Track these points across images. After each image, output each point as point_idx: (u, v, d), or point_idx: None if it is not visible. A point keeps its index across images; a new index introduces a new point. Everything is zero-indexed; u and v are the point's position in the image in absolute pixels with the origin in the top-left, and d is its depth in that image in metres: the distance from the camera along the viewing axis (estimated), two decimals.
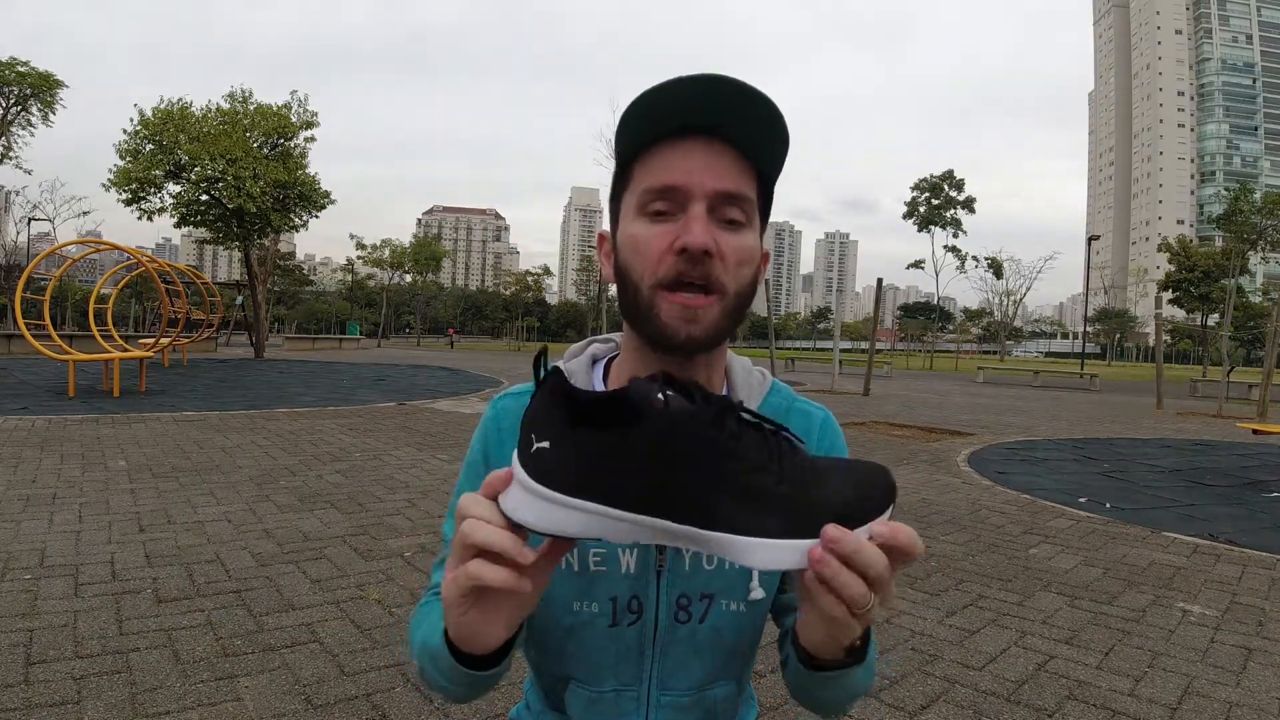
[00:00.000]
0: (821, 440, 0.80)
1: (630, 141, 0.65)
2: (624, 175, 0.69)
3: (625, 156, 0.67)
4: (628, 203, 0.68)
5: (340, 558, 3.35)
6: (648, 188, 0.65)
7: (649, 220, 0.65)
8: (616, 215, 0.71)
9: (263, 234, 20.13)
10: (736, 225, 0.65)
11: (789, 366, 26.39)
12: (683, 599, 0.74)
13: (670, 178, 0.63)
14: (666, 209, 0.64)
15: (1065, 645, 2.70)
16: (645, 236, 0.65)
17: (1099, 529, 4.46)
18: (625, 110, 0.63)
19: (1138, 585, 3.42)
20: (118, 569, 3.06)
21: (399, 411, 8.97)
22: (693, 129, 0.63)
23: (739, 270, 0.65)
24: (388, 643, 2.48)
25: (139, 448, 5.78)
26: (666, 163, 0.64)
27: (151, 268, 12.92)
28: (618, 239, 0.69)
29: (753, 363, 0.83)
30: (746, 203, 0.65)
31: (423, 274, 62.66)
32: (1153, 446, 8.48)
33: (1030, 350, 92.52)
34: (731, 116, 0.62)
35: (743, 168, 0.65)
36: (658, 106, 0.62)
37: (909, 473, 6.16)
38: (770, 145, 0.65)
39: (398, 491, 4.70)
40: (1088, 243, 39.99)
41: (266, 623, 2.59)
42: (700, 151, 0.63)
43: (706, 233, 0.62)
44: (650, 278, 0.64)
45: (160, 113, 17.73)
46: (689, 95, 0.61)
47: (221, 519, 3.89)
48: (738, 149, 0.64)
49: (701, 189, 0.63)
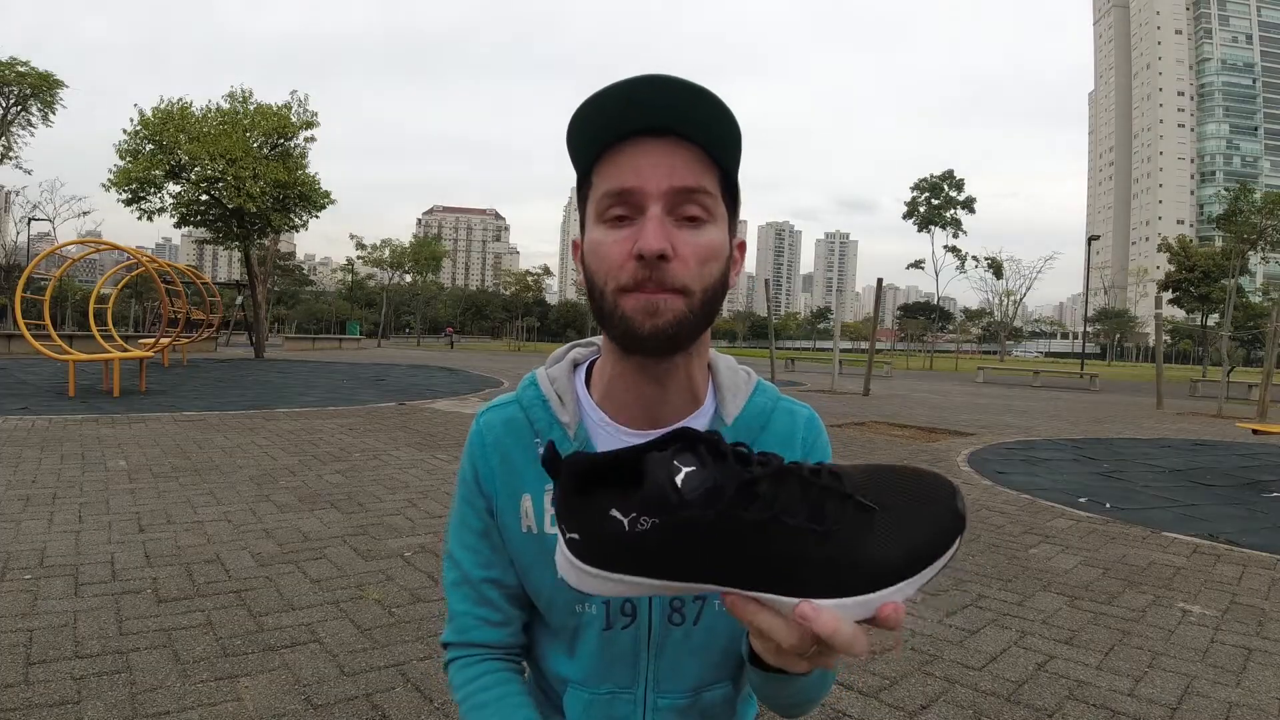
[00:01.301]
0: (805, 439, 0.80)
1: (585, 147, 0.65)
2: (585, 181, 0.69)
3: (583, 163, 0.67)
4: (590, 209, 0.68)
5: (340, 558, 3.35)
6: (605, 192, 0.65)
7: (608, 226, 0.65)
8: (581, 221, 0.71)
9: (263, 234, 20.11)
10: (697, 222, 0.64)
11: (789, 367, 26.39)
12: (675, 601, 0.75)
13: (625, 180, 0.63)
14: (625, 213, 0.64)
15: (1065, 645, 2.70)
16: (606, 243, 0.65)
17: (1099, 529, 4.46)
18: (573, 116, 0.63)
19: (1138, 585, 3.42)
20: (118, 569, 3.06)
21: (399, 411, 8.97)
22: (644, 130, 0.63)
23: (703, 268, 0.65)
24: (388, 643, 2.48)
25: (139, 448, 5.78)
26: (622, 164, 0.64)
27: (151, 268, 12.91)
28: (583, 245, 0.70)
29: (737, 361, 0.83)
30: (707, 196, 0.65)
31: (423, 274, 62.64)
32: (1153, 446, 8.47)
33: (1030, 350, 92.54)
34: (681, 113, 0.62)
35: (701, 162, 0.64)
36: (606, 111, 0.62)
37: None
38: (722, 138, 0.64)
39: (398, 491, 4.70)
40: (1088, 243, 39.99)
41: (266, 623, 2.59)
42: (654, 150, 0.63)
43: (661, 236, 0.62)
44: (613, 283, 0.64)
45: (160, 113, 17.71)
46: (636, 97, 0.61)
47: (221, 519, 3.89)
48: (692, 144, 0.64)
49: (657, 188, 0.63)
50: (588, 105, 0.62)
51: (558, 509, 0.50)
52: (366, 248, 59.15)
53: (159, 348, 14.13)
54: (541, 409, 0.77)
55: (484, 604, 0.80)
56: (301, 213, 19.74)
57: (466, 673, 0.79)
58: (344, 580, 3.06)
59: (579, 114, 0.62)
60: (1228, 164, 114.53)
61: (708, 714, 0.77)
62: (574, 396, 0.77)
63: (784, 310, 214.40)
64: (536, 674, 0.85)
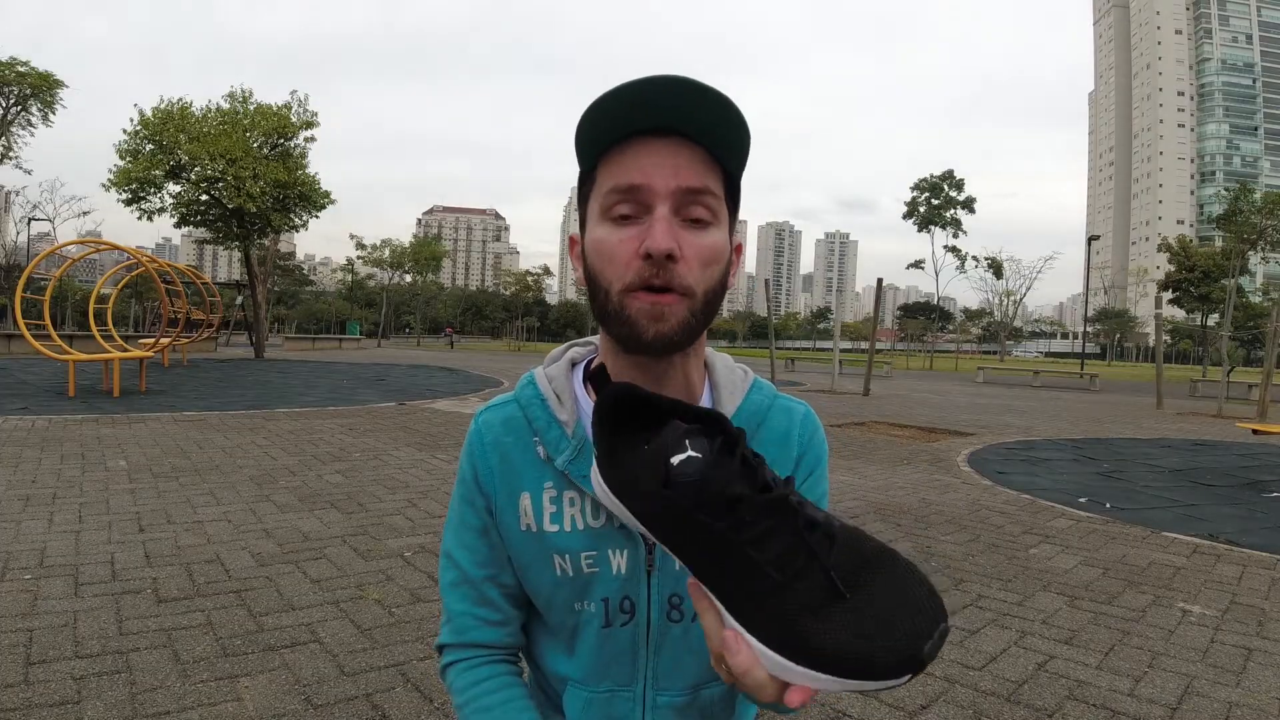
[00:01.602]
0: (801, 435, 0.80)
1: (592, 144, 0.66)
2: (588, 178, 0.69)
3: (588, 160, 0.68)
4: (593, 206, 0.68)
5: (340, 558, 3.35)
6: (611, 188, 0.65)
7: (614, 224, 0.65)
8: (583, 218, 0.72)
9: (263, 234, 20.11)
10: (702, 224, 0.65)
11: (789, 367, 26.39)
12: (674, 598, 0.75)
13: (632, 177, 0.64)
14: (631, 211, 0.65)
15: (1065, 645, 2.70)
16: (611, 241, 0.65)
17: (1099, 529, 4.46)
18: (584, 114, 0.63)
19: (1138, 585, 3.42)
20: (118, 569, 3.06)
21: (399, 411, 8.97)
22: (654, 129, 0.64)
23: (705, 271, 0.66)
24: (388, 643, 2.48)
25: (139, 447, 5.77)
26: (629, 162, 0.64)
27: (151, 268, 12.91)
28: (585, 242, 0.70)
29: (734, 360, 0.83)
30: (712, 198, 0.65)
31: (423, 274, 62.64)
32: (1153, 446, 8.47)
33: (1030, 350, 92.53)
34: (691, 114, 0.62)
35: (706, 164, 0.65)
36: (617, 109, 0.62)
37: (909, 472, 6.16)
38: (728, 140, 0.65)
39: (398, 491, 4.70)
40: (1088, 243, 39.97)
41: (266, 623, 2.59)
42: (662, 149, 0.64)
43: (669, 236, 0.63)
44: (619, 283, 0.65)
45: (160, 113, 17.71)
46: (648, 96, 0.61)
47: (221, 519, 3.89)
48: (699, 145, 0.64)
49: (665, 187, 0.63)
50: (598, 103, 0.63)
51: (594, 428, 0.56)
52: (366, 248, 59.19)
53: (159, 348, 14.13)
54: (540, 408, 0.77)
55: (484, 603, 0.80)
56: (301, 213, 19.74)
57: (467, 676, 0.78)
58: (344, 580, 3.06)
59: (589, 110, 0.63)
60: (1228, 164, 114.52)
61: (707, 712, 0.77)
62: (572, 395, 0.77)
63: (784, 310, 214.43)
64: (536, 673, 0.85)
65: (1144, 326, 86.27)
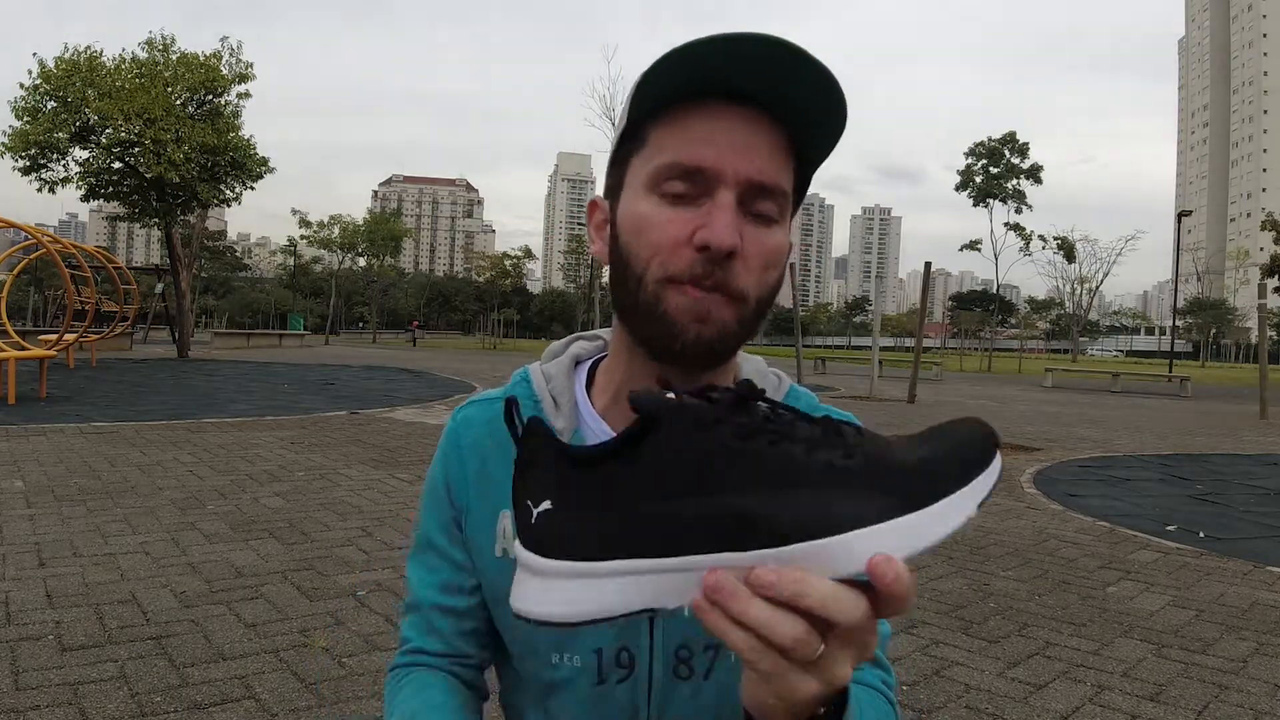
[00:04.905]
0: None
1: (654, 96, 0.62)
2: (635, 135, 0.66)
3: (641, 112, 0.64)
4: (637, 171, 0.66)
5: (280, 597, 3.35)
6: (671, 162, 0.62)
7: (664, 202, 0.63)
8: (619, 182, 0.69)
9: (187, 209, 20.13)
10: (767, 220, 0.64)
11: (818, 368, 26.41)
12: (682, 651, 0.73)
13: (700, 157, 0.61)
14: (688, 191, 0.62)
15: (1150, 702, 2.70)
16: (658, 220, 0.63)
17: (1191, 563, 4.47)
18: (656, 60, 0.60)
19: (1238, 630, 3.42)
20: (13, 610, 3.06)
21: (351, 422, 8.99)
22: (736, 97, 0.61)
23: (764, 274, 0.64)
24: (337, 699, 2.48)
25: (39, 465, 5.78)
26: (696, 134, 0.62)
27: (54, 249, 12.93)
28: (618, 214, 0.68)
29: (767, 364, 0.83)
30: (782, 197, 0.64)
31: (379, 257, 62.70)
32: (1256, 464, 8.48)
33: (1108, 349, 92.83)
34: (787, 88, 0.60)
35: (786, 153, 0.64)
36: (699, 62, 0.59)
37: None
38: (824, 128, 0.63)
39: (349, 518, 4.71)
40: (1177, 219, 40.05)
41: (191, 675, 2.59)
42: (741, 127, 0.62)
43: (734, 230, 0.60)
44: (659, 270, 0.63)
45: (64, 63, 17.71)
46: (740, 54, 0.58)
47: (138, 550, 3.89)
48: (785, 129, 0.63)
49: (735, 174, 0.61)
50: (677, 51, 0.59)
51: (522, 474, 0.49)
52: (312, 225, 59.11)
53: (63, 345, 14.14)
54: (532, 410, 0.77)
55: (431, 634, 0.81)
56: (234, 183, 19.78)
57: (393, 688, 0.80)
58: (285, 624, 3.06)
59: (663, 58, 0.59)
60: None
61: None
62: (571, 400, 0.76)
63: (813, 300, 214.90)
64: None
65: (1245, 319, 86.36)
